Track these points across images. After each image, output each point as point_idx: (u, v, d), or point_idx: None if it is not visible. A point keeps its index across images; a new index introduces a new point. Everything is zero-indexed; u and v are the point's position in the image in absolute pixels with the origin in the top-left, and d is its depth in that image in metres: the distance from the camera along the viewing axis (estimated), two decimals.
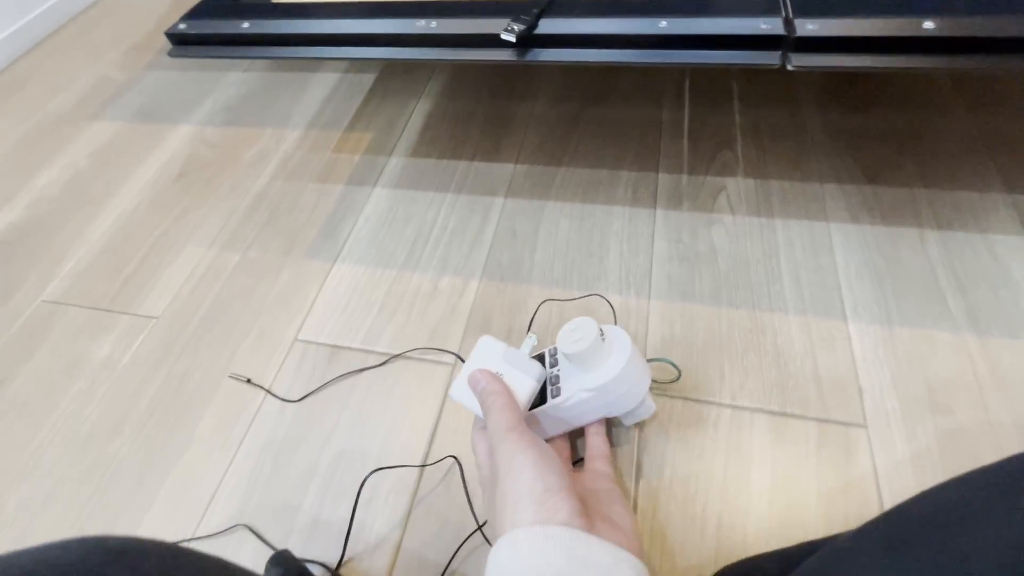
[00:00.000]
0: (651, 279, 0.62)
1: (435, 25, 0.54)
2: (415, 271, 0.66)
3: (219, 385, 0.59)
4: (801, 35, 0.44)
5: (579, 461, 0.48)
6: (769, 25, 0.46)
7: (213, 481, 0.52)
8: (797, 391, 0.52)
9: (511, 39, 0.51)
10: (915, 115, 0.75)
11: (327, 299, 0.65)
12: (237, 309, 0.65)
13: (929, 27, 0.41)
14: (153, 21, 1.21)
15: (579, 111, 0.84)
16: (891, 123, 0.75)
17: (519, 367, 0.42)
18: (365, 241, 0.70)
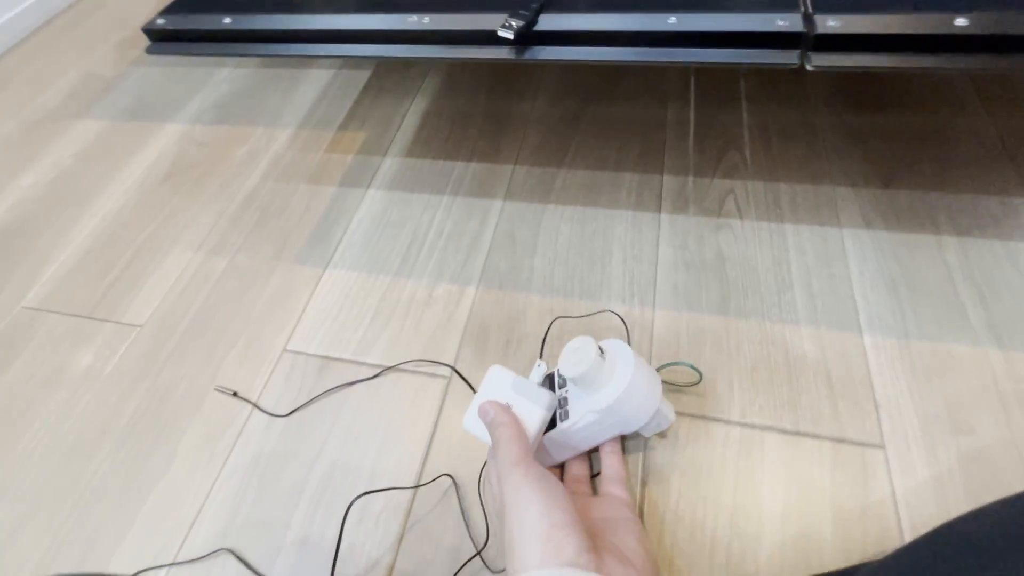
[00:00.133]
0: (656, 288, 0.59)
1: (428, 21, 0.51)
2: (409, 277, 0.64)
3: (204, 398, 0.56)
4: (822, 32, 0.41)
5: (597, 475, 0.46)
6: (787, 22, 0.43)
7: (197, 500, 0.50)
8: (810, 408, 0.49)
9: (509, 36, 0.48)
10: (932, 115, 0.72)
11: (318, 307, 0.62)
12: (224, 317, 0.63)
13: (962, 24, 0.38)
14: (142, 17, 1.17)
15: (580, 110, 0.81)
16: (906, 123, 0.72)
17: (529, 396, 0.42)
18: (358, 245, 0.68)
